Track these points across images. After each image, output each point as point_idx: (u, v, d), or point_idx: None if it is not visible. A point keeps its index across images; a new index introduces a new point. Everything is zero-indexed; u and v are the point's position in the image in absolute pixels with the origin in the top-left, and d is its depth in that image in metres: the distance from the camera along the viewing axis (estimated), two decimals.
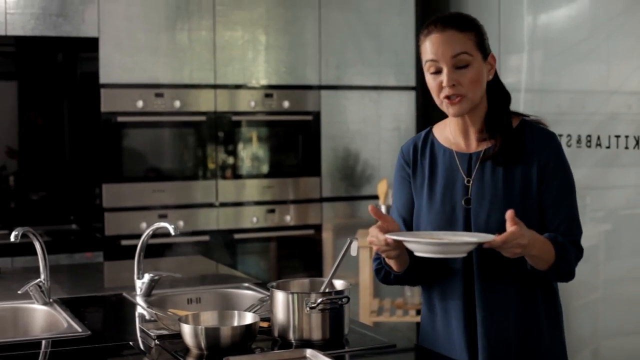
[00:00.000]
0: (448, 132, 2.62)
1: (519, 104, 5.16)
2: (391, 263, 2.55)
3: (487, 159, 2.52)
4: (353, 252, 2.53)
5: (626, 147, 4.48)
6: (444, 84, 2.45)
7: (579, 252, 2.51)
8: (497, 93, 2.59)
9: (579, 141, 4.75)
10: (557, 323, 2.57)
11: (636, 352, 4.53)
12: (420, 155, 2.64)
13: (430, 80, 2.50)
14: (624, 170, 4.58)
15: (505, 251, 2.31)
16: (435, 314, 2.61)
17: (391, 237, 2.35)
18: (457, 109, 2.48)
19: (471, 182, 2.53)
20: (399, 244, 2.38)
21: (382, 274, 2.63)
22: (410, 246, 2.35)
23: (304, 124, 5.62)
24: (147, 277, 3.17)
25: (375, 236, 2.40)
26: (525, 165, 2.49)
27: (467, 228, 2.50)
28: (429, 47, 2.48)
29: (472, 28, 2.51)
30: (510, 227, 2.26)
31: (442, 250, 2.31)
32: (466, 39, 2.47)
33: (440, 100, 2.49)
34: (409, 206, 2.65)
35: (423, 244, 2.31)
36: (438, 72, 2.47)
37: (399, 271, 2.56)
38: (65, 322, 2.82)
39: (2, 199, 5.48)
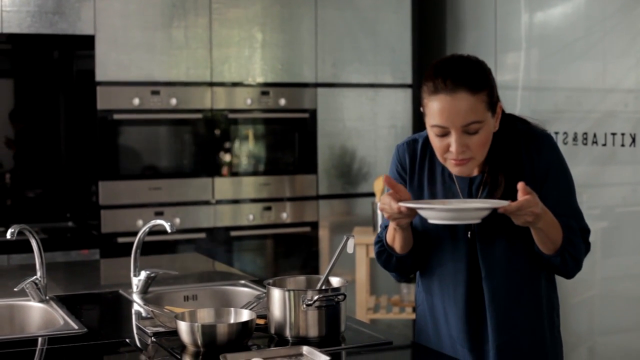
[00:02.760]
0: None
1: (516, 102, 5.17)
2: (395, 244, 2.53)
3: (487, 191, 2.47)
4: (349, 249, 2.53)
5: (622, 145, 4.48)
6: (452, 149, 2.36)
7: (587, 246, 2.52)
8: (502, 131, 2.50)
9: (575, 139, 4.75)
10: (552, 316, 2.57)
11: (632, 349, 4.53)
12: (419, 167, 2.59)
13: (435, 140, 2.40)
14: (620, 167, 4.58)
15: (518, 218, 2.30)
16: (434, 296, 2.59)
17: (405, 204, 2.32)
18: (463, 170, 2.42)
19: None
20: (411, 213, 2.35)
21: (384, 257, 2.60)
22: (424, 213, 2.33)
23: (301, 122, 5.62)
24: (143, 274, 3.16)
25: (387, 204, 2.35)
26: (526, 180, 2.45)
27: (472, 257, 2.49)
28: (437, 112, 2.35)
29: (484, 86, 2.36)
30: (524, 196, 2.25)
31: (457, 217, 2.29)
32: (478, 102, 2.33)
33: (443, 158, 2.42)
34: None
35: (438, 211, 2.29)
36: (444, 135, 2.37)
37: (402, 253, 2.54)
38: (61, 320, 2.82)
39: None
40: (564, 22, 4.92)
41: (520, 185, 2.26)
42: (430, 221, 2.34)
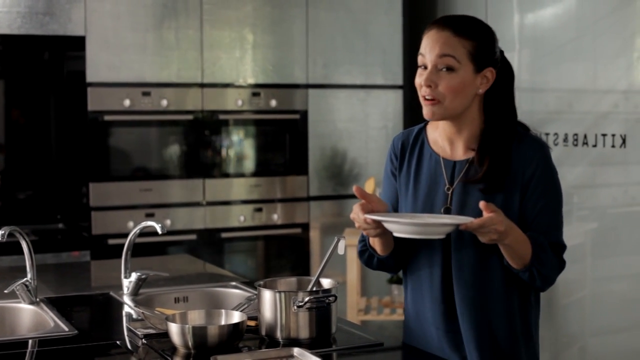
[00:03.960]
0: (437, 135, 2.59)
1: None
2: (375, 246, 2.56)
3: (469, 181, 2.48)
4: (340, 250, 2.53)
5: (612, 146, 4.49)
6: (422, 82, 2.43)
7: (560, 263, 2.49)
8: (500, 111, 2.52)
9: (565, 140, 4.76)
10: (529, 329, 2.56)
11: (623, 349, 4.54)
12: (409, 153, 2.62)
13: (417, 75, 2.47)
14: (611, 168, 4.59)
15: (482, 235, 2.30)
16: (415, 292, 2.60)
17: (370, 216, 2.36)
18: (429, 112, 2.45)
19: (452, 190, 2.51)
20: (379, 224, 2.38)
21: (366, 256, 2.64)
22: (388, 226, 2.35)
23: (292, 123, 5.61)
24: (134, 276, 3.16)
25: (356, 214, 2.41)
26: (508, 188, 2.45)
27: (447, 254, 2.48)
28: (423, 41, 2.46)
29: (472, 36, 2.44)
30: (488, 214, 2.26)
31: (420, 231, 2.31)
32: (459, 45, 2.41)
33: (420, 96, 2.47)
34: (395, 200, 2.65)
35: (401, 224, 2.31)
36: (425, 67, 2.44)
37: (383, 254, 2.56)
38: (52, 322, 2.81)
39: None
40: (555, 24, 4.93)
41: (482, 204, 2.27)
42: (395, 234, 2.35)
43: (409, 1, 5.97)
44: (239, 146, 5.52)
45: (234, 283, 3.37)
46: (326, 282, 2.60)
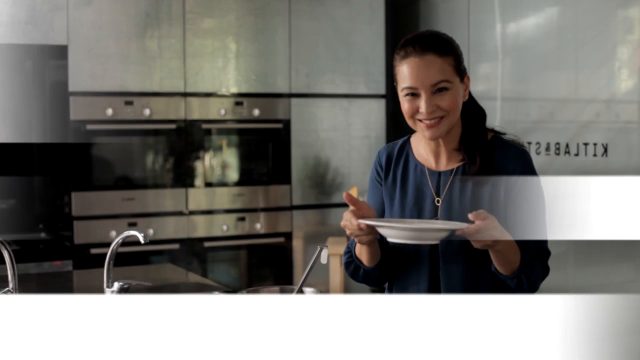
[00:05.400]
0: (421, 147, 2.60)
1: (489, 113, 5.18)
2: (362, 256, 2.55)
3: (457, 179, 2.50)
4: (323, 259, 2.53)
5: (594, 155, 4.51)
6: (422, 109, 2.42)
7: (545, 269, 2.50)
8: (472, 111, 2.57)
9: (547, 149, 4.77)
10: None
11: None
12: (394, 165, 2.63)
13: (405, 103, 2.45)
14: (592, 177, 4.61)
15: (477, 241, 2.31)
16: None
17: (365, 222, 2.34)
18: (435, 132, 2.44)
19: (440, 202, 2.52)
20: (371, 230, 2.37)
21: (352, 267, 2.62)
22: (383, 231, 2.33)
23: (275, 132, 5.61)
24: (116, 285, 3.15)
25: (348, 220, 2.38)
26: (493, 185, 2.46)
27: (435, 248, 2.49)
28: (407, 73, 2.44)
29: (451, 52, 2.46)
30: (483, 220, 2.26)
31: (415, 236, 2.29)
32: (446, 64, 2.42)
33: (414, 121, 2.46)
34: (380, 209, 2.65)
35: (396, 230, 2.29)
36: (414, 96, 2.43)
37: (370, 266, 2.55)
38: None
39: None
40: (537, 34, 4.95)
41: (472, 215, 2.27)
42: (389, 240, 2.34)
43: (392, 11, 5.99)
44: (222, 155, 5.52)
45: (216, 292, 3.36)
46: (309, 291, 2.59)
